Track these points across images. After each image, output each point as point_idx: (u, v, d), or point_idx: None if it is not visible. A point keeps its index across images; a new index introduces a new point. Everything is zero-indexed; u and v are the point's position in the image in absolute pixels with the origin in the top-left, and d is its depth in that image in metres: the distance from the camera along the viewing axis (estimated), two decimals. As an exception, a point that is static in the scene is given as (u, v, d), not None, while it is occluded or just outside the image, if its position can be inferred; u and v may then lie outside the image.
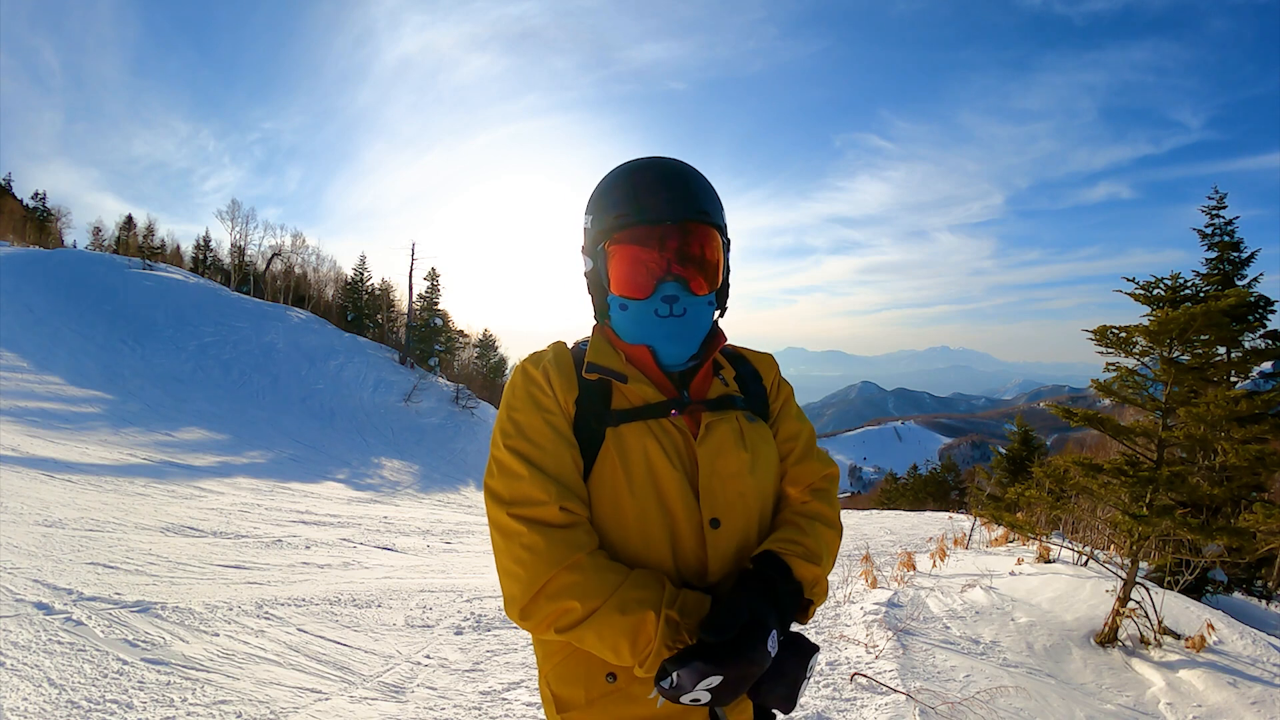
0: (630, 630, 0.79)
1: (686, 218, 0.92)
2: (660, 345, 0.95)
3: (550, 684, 0.93)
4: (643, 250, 0.91)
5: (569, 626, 0.81)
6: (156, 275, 23.22)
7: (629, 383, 0.94)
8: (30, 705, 2.22)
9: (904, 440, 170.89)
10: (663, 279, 0.91)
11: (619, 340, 0.98)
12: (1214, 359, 7.24)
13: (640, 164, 0.95)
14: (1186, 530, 4.01)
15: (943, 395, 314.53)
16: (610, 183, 0.95)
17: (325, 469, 12.99)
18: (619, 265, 0.93)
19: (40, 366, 13.41)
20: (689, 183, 0.93)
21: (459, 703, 2.81)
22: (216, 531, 5.56)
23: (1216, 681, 3.56)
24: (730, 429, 0.95)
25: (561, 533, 0.84)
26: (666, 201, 0.91)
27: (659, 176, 0.93)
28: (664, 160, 0.95)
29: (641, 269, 0.92)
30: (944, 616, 4.51)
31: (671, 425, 0.92)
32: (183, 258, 32.73)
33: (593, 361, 0.95)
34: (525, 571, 0.82)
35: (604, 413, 0.92)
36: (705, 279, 0.94)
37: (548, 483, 0.86)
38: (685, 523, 0.89)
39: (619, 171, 0.96)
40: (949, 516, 15.49)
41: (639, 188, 0.92)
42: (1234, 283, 8.85)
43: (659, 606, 0.80)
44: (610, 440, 0.90)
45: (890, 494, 33.98)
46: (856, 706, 2.97)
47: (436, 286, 27.95)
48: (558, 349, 0.99)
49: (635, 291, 0.92)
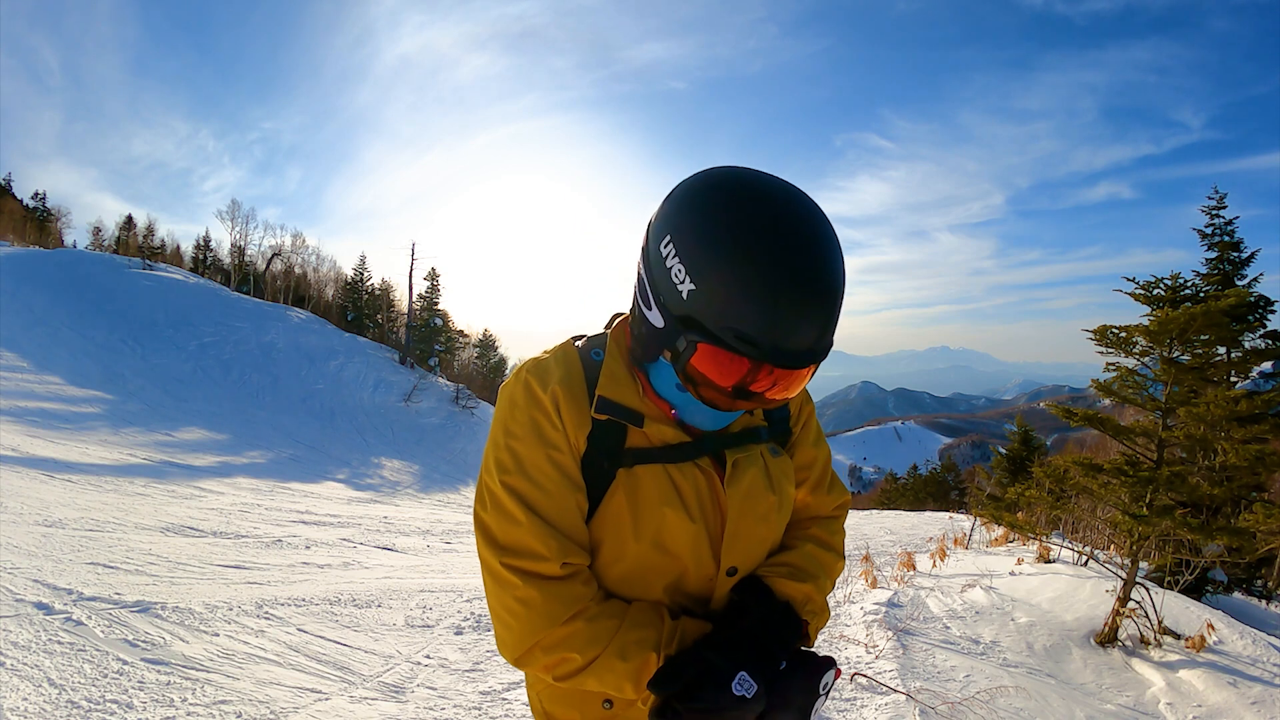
0: (632, 674, 0.76)
1: (811, 364, 0.72)
2: (700, 419, 0.82)
3: (544, 702, 0.91)
4: (745, 381, 0.72)
5: (567, 675, 0.78)
6: (156, 275, 23.23)
7: (645, 425, 0.82)
8: (30, 705, 2.22)
9: (904, 440, 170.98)
10: (751, 392, 0.73)
11: (640, 374, 0.84)
12: (1214, 359, 7.24)
13: (795, 263, 0.68)
14: (1186, 530, 4.01)
15: (943, 395, 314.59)
16: (746, 270, 0.67)
17: (325, 469, 12.99)
18: (708, 367, 0.72)
19: (40, 366, 13.41)
20: (833, 313, 0.71)
21: (459, 703, 2.81)
22: (216, 531, 5.56)
23: (1216, 681, 3.56)
24: (759, 469, 0.85)
25: (559, 587, 0.77)
26: (804, 341, 0.70)
27: (811, 297, 0.69)
28: (823, 266, 0.70)
29: (726, 395, 0.74)
30: (944, 616, 4.51)
31: (694, 469, 0.82)
32: (183, 258, 32.74)
33: (605, 397, 0.81)
34: (519, 624, 0.77)
35: (618, 450, 0.81)
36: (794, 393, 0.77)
37: (548, 534, 0.77)
38: (695, 571, 0.83)
39: (763, 256, 0.67)
40: (949, 516, 15.49)
41: (785, 309, 0.67)
42: (1234, 283, 8.86)
43: (659, 647, 0.77)
44: (622, 480, 0.80)
45: (890, 494, 33.98)
46: (856, 706, 2.97)
47: (436, 286, 27.96)
48: (568, 362, 0.84)
49: (707, 400, 0.76)
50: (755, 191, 0.72)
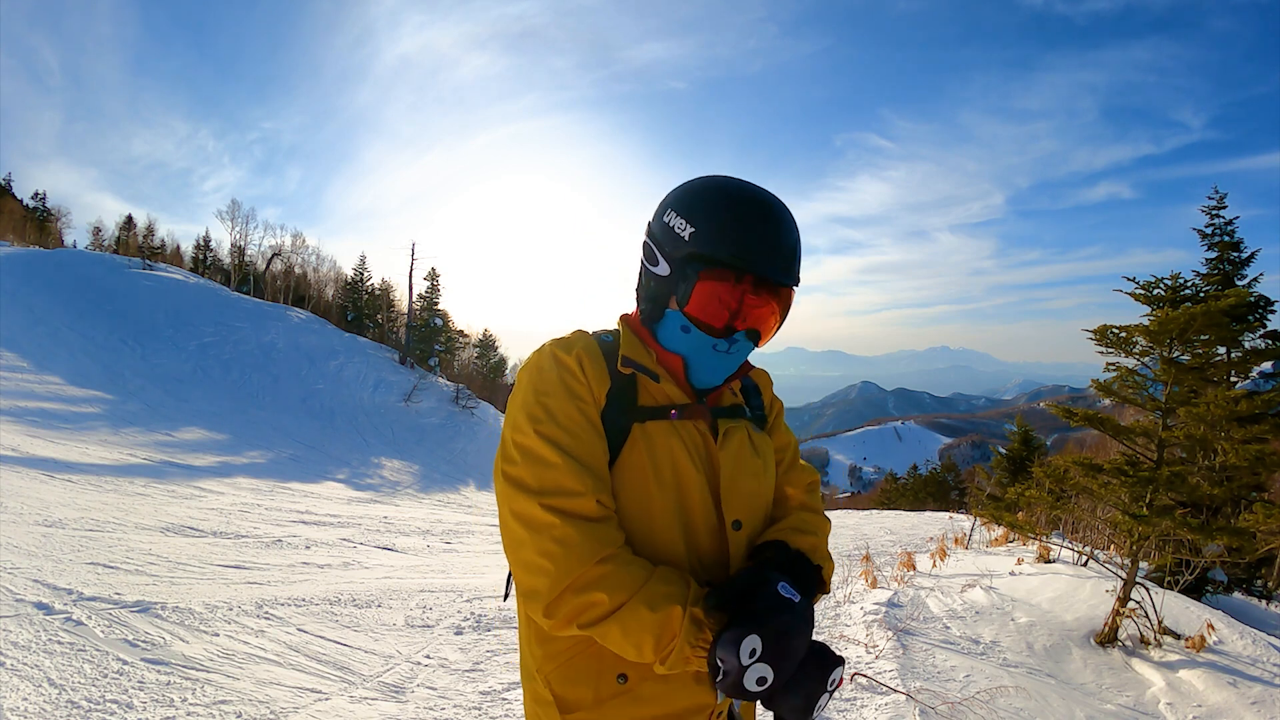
0: (657, 626, 0.79)
1: (786, 284, 0.93)
2: (703, 372, 0.96)
3: (552, 685, 0.91)
4: (735, 294, 0.90)
5: (594, 621, 0.80)
6: (156, 275, 23.23)
7: (660, 382, 0.94)
8: (30, 705, 2.22)
9: (904, 440, 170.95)
10: (739, 328, 0.92)
11: (651, 340, 0.98)
12: (1214, 359, 7.24)
13: (762, 207, 0.92)
14: (1186, 530, 4.01)
15: (943, 395, 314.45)
16: (730, 209, 0.91)
17: (325, 469, 12.99)
18: (706, 295, 0.90)
19: (40, 366, 13.41)
20: (797, 247, 0.93)
21: (459, 703, 2.81)
22: (216, 531, 5.56)
23: (1216, 681, 3.56)
24: (744, 437, 0.98)
25: (595, 527, 0.82)
26: (780, 261, 0.90)
27: (779, 231, 0.91)
28: (783, 211, 0.93)
29: (726, 312, 0.91)
30: (944, 616, 4.51)
31: (694, 428, 0.94)
32: (183, 258, 32.74)
33: (627, 356, 0.95)
34: (555, 566, 0.80)
35: (632, 407, 0.92)
36: (773, 333, 0.98)
37: (583, 473, 0.84)
38: (703, 523, 0.91)
39: (741, 200, 0.91)
40: (949, 516, 15.49)
41: (767, 236, 0.90)
42: (1234, 283, 8.85)
43: (685, 603, 0.80)
44: (638, 434, 0.90)
45: (890, 494, 33.98)
46: (856, 706, 2.98)
47: (436, 286, 27.96)
48: (585, 338, 0.97)
49: (711, 325, 0.92)
50: (731, 177, 0.96)
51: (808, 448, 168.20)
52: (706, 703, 0.91)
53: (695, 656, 0.79)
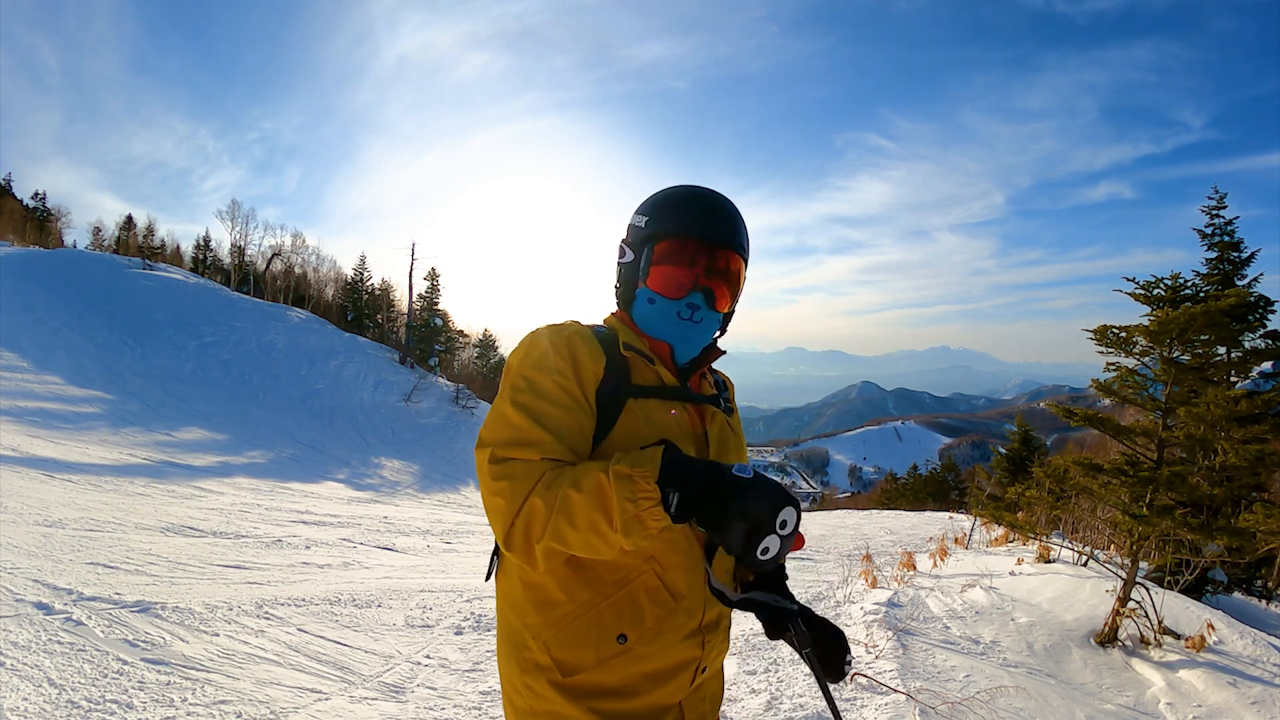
0: (592, 501, 0.80)
1: (727, 246, 1.06)
2: (682, 344, 1.07)
3: (551, 650, 0.95)
4: (686, 260, 1.04)
5: (543, 532, 0.83)
6: (156, 275, 23.23)
7: (654, 365, 1.04)
8: (30, 705, 2.22)
9: (904, 440, 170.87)
10: (693, 290, 1.05)
11: (637, 329, 1.09)
12: (1214, 359, 7.24)
13: (703, 192, 1.09)
14: (1186, 530, 4.00)
15: (943, 395, 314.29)
16: (676, 196, 1.08)
17: (325, 469, 12.99)
18: (661, 264, 1.05)
19: (40, 366, 13.40)
20: (736, 219, 1.08)
21: (459, 703, 2.81)
22: (216, 531, 5.56)
23: (1216, 681, 3.56)
24: (723, 420, 1.11)
25: (532, 466, 0.87)
26: (720, 228, 1.05)
27: (718, 207, 1.07)
28: (723, 197, 1.10)
29: (681, 273, 1.04)
30: (944, 616, 4.51)
31: (683, 409, 1.04)
32: (183, 258, 32.76)
33: (628, 342, 1.05)
34: (505, 501, 0.85)
35: (626, 384, 1.00)
36: (726, 298, 1.08)
37: (542, 433, 0.89)
38: None
39: (685, 191, 1.09)
40: (949, 516, 15.48)
41: (701, 209, 1.06)
42: (1234, 283, 8.85)
43: (605, 469, 0.82)
44: (633, 406, 0.98)
45: (890, 494, 33.96)
46: (856, 706, 2.97)
47: (436, 286, 27.97)
48: (579, 325, 1.06)
49: (669, 291, 1.05)
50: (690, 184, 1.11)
51: (808, 448, 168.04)
52: (694, 656, 1.00)
53: (642, 511, 0.79)
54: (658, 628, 0.95)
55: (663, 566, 0.96)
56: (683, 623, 0.97)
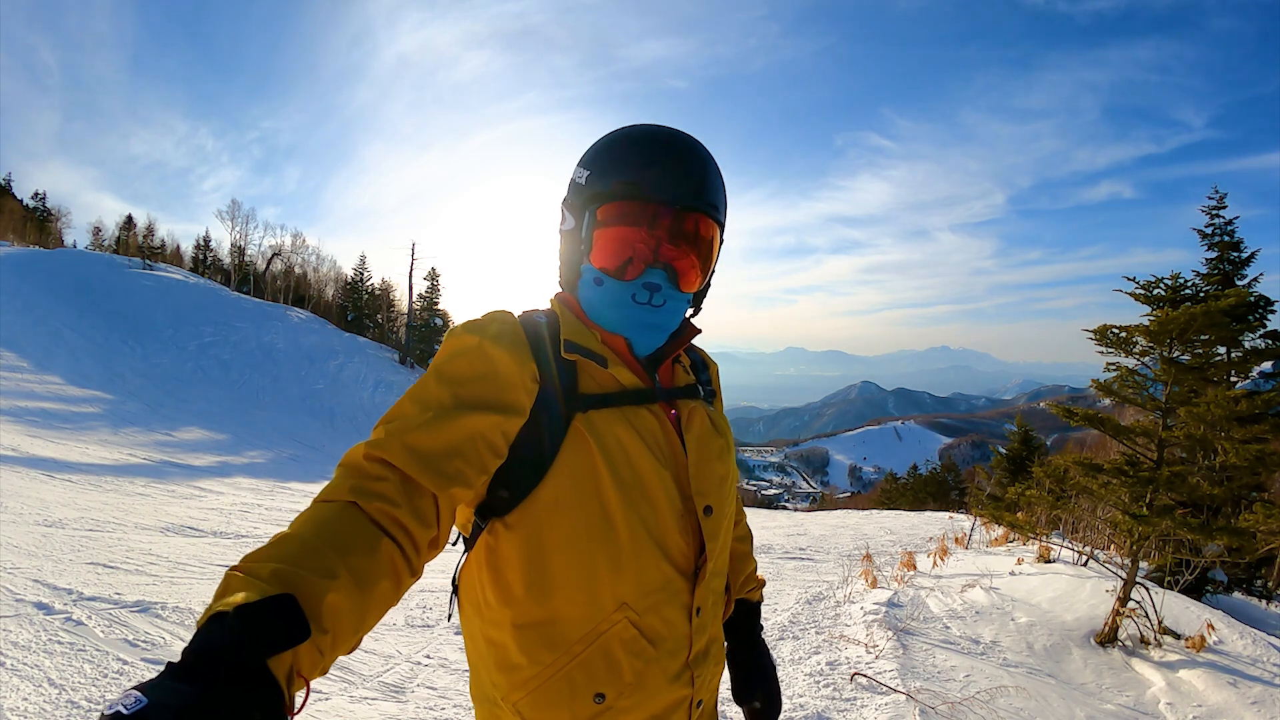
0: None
1: (694, 207, 0.82)
2: (640, 335, 0.86)
3: (523, 712, 0.80)
4: (637, 228, 0.81)
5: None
6: (156, 275, 23.26)
7: (608, 367, 0.83)
8: (30, 705, 2.22)
9: (904, 440, 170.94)
10: (651, 265, 0.82)
11: (586, 319, 0.87)
12: (1214, 359, 7.23)
13: (657, 132, 0.84)
14: (1186, 530, 4.00)
15: (943, 395, 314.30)
16: (620, 143, 0.84)
17: (325, 469, 12.98)
18: (606, 236, 0.82)
19: (40, 366, 13.41)
20: (705, 169, 0.84)
21: (459, 703, 2.80)
22: (216, 531, 5.56)
23: (1216, 681, 3.56)
24: (705, 416, 0.90)
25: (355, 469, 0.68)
26: (679, 183, 0.81)
27: (677, 154, 0.82)
28: (682, 135, 0.85)
29: (630, 248, 0.82)
30: (944, 616, 4.51)
31: (648, 413, 0.83)
32: (183, 258, 32.78)
33: (570, 340, 0.83)
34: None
35: (572, 395, 0.80)
36: (695, 275, 0.86)
37: (392, 441, 0.69)
38: (670, 516, 0.82)
39: (632, 133, 0.85)
40: (949, 516, 15.48)
41: (653, 159, 0.82)
42: (1234, 282, 8.87)
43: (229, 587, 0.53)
44: (580, 426, 0.78)
45: (890, 494, 33.97)
46: (856, 706, 2.98)
47: (436, 286, 27.98)
48: (503, 320, 0.82)
49: (617, 270, 0.82)
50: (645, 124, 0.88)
51: (808, 447, 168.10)
52: (684, 695, 0.84)
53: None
54: (638, 681, 0.80)
55: (637, 611, 0.79)
56: (667, 665, 0.82)
